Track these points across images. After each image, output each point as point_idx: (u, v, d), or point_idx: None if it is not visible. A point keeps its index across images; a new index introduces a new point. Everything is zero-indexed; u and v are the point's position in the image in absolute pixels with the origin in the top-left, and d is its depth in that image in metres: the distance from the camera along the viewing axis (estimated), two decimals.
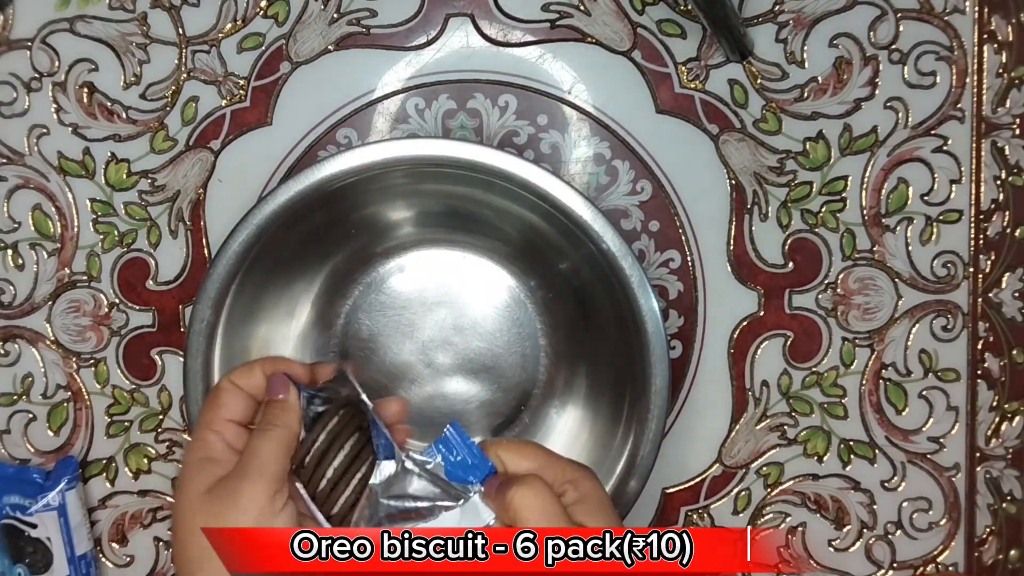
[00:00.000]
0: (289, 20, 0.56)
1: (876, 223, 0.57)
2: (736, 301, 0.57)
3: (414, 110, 0.56)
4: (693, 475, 0.58)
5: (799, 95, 0.56)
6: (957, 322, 0.57)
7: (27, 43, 0.57)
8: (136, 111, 0.57)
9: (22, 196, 0.58)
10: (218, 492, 0.41)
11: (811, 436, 0.58)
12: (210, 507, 0.41)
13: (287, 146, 0.57)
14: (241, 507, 0.40)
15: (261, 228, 0.51)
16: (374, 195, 0.54)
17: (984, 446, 0.58)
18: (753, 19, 0.56)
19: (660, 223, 0.57)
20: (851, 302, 0.57)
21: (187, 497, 0.42)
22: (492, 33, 0.56)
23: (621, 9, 0.56)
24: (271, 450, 0.42)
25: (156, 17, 0.56)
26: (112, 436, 0.59)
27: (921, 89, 0.56)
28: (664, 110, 0.56)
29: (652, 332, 0.51)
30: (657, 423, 0.51)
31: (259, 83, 0.56)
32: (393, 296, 0.57)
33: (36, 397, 0.59)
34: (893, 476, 0.58)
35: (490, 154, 0.50)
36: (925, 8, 0.55)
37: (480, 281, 0.57)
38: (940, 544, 0.58)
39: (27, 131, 0.57)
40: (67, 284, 0.58)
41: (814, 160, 0.56)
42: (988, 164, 0.56)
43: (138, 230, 0.58)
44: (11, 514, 0.56)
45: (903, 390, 0.58)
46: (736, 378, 0.58)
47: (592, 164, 0.57)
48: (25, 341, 0.58)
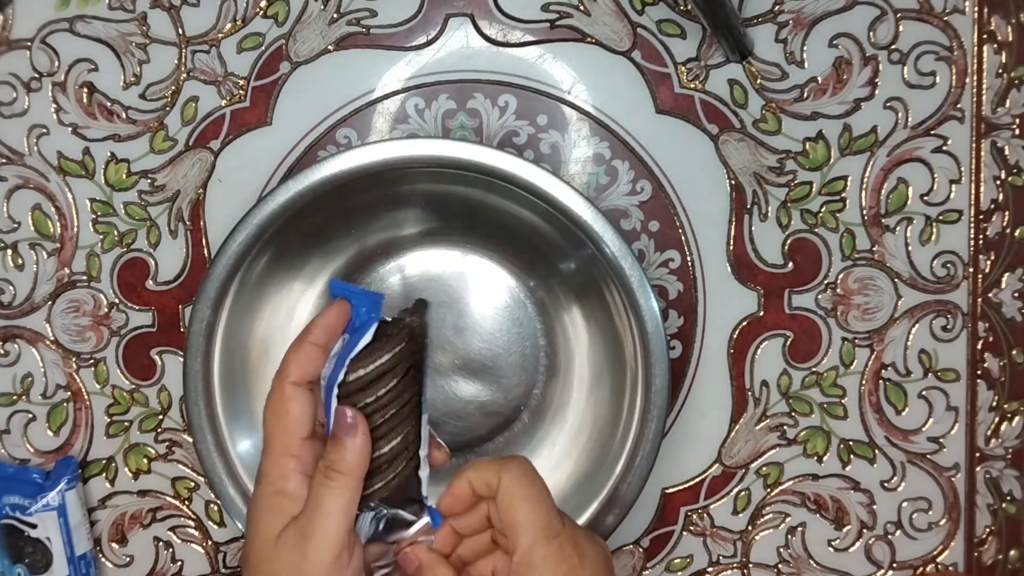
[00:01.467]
0: (289, 20, 0.56)
1: (876, 223, 0.57)
2: (736, 301, 0.57)
3: (414, 110, 0.56)
4: (693, 475, 0.58)
5: (799, 95, 0.56)
6: (957, 322, 0.57)
7: (27, 43, 0.57)
8: (136, 111, 0.57)
9: (22, 196, 0.57)
10: (286, 542, 0.41)
11: (811, 436, 0.58)
12: (276, 556, 0.41)
13: (287, 146, 0.57)
14: (305, 572, 0.40)
15: (261, 228, 0.51)
16: (374, 195, 0.54)
17: (984, 446, 0.58)
18: (753, 19, 0.56)
19: (660, 223, 0.57)
20: (851, 302, 0.57)
21: (259, 540, 0.41)
22: (492, 33, 0.56)
23: (621, 9, 0.56)
24: (338, 507, 0.41)
25: (156, 17, 0.56)
26: (112, 436, 0.59)
27: (921, 89, 0.56)
28: (664, 110, 0.56)
29: (652, 332, 0.51)
30: (657, 423, 0.51)
31: (259, 83, 0.56)
32: (393, 296, 0.57)
33: (36, 397, 0.59)
34: (893, 476, 0.58)
35: (490, 154, 0.50)
36: (925, 8, 0.55)
37: (480, 281, 0.57)
38: (940, 544, 0.58)
39: (27, 131, 0.57)
40: (67, 284, 0.58)
41: (814, 160, 0.56)
42: (988, 164, 0.56)
43: (138, 230, 0.58)
44: (11, 514, 0.56)
45: (903, 390, 0.58)
46: (736, 378, 0.58)
47: (592, 164, 0.57)
48: (25, 341, 0.58)
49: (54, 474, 0.58)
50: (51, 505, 0.56)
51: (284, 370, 0.44)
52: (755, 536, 0.59)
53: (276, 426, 0.43)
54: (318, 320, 0.44)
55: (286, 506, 0.41)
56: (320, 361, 0.44)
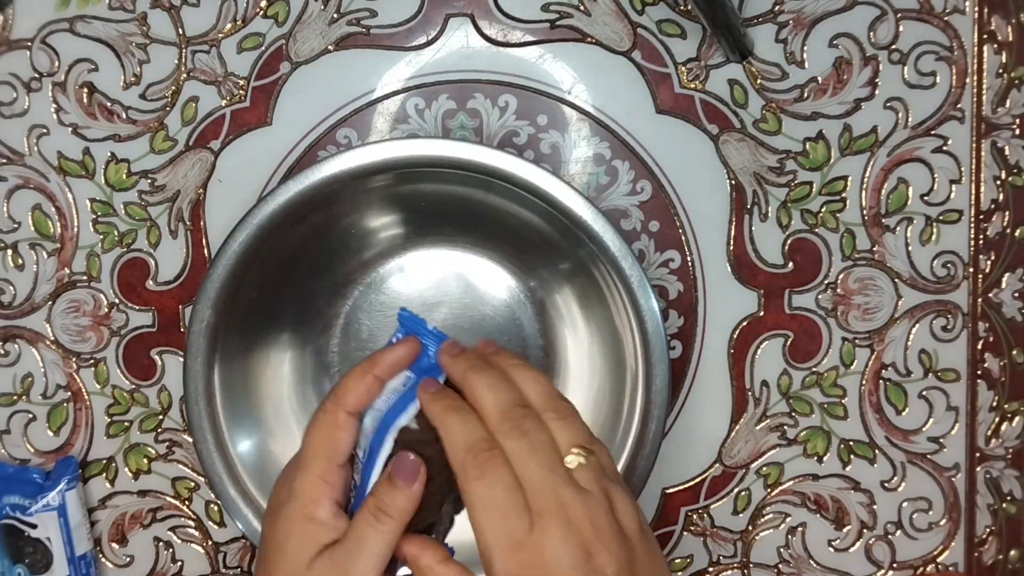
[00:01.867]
0: (289, 20, 0.56)
1: (876, 223, 0.57)
2: (736, 301, 0.57)
3: (414, 110, 0.56)
4: (693, 475, 0.58)
5: (799, 95, 0.56)
6: (957, 322, 0.57)
7: (27, 43, 0.57)
8: (136, 111, 0.57)
9: (22, 196, 0.58)
10: (320, 572, 0.40)
11: (811, 436, 0.58)
12: None
13: (287, 146, 0.57)
14: None
15: (261, 228, 0.51)
16: (374, 195, 0.54)
17: (984, 446, 0.58)
18: (753, 19, 0.56)
19: (660, 223, 0.57)
20: (851, 302, 0.57)
21: (289, 565, 0.40)
22: (492, 33, 0.56)
23: (621, 9, 0.56)
24: (380, 550, 0.40)
25: (156, 17, 0.56)
26: (112, 436, 0.59)
27: (921, 89, 0.56)
28: (664, 110, 0.56)
29: (652, 332, 0.51)
30: (657, 423, 0.51)
31: (259, 83, 0.56)
32: (393, 296, 0.57)
33: (36, 397, 0.59)
34: (893, 476, 0.58)
35: (490, 154, 0.50)
36: (925, 8, 0.55)
37: (480, 281, 0.57)
38: (940, 544, 0.58)
39: (27, 131, 0.57)
40: (67, 284, 0.58)
41: (814, 160, 0.56)
42: (988, 164, 0.56)
43: (138, 230, 0.58)
44: (11, 514, 0.56)
45: (903, 390, 0.58)
46: (736, 378, 0.58)
47: (592, 164, 0.57)
48: (25, 341, 0.58)
49: (54, 474, 0.58)
50: (51, 505, 0.56)
51: (343, 397, 0.42)
52: (755, 536, 0.59)
53: (320, 450, 0.42)
54: (387, 355, 0.43)
55: (317, 533, 0.41)
56: (376, 394, 0.43)
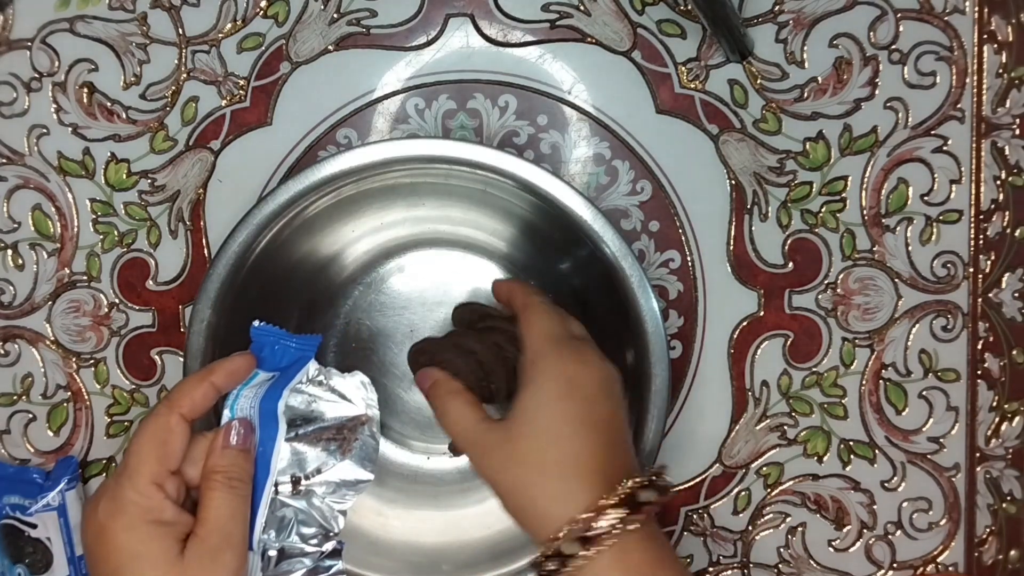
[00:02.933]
0: (289, 20, 0.56)
1: (876, 223, 0.57)
2: (736, 301, 0.57)
3: (414, 110, 0.56)
4: (693, 475, 0.58)
5: (799, 95, 0.56)
6: (957, 322, 0.57)
7: (27, 43, 0.57)
8: (136, 111, 0.57)
9: (22, 196, 0.58)
10: (191, 562, 0.40)
11: (811, 436, 0.58)
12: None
13: (287, 146, 0.57)
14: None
15: (261, 228, 0.51)
16: (374, 195, 0.54)
17: (984, 446, 0.58)
18: (753, 19, 0.56)
19: (660, 223, 0.57)
20: (851, 302, 0.57)
21: (158, 569, 0.40)
22: (492, 33, 0.56)
23: (621, 9, 0.56)
24: (240, 512, 0.42)
25: (156, 17, 0.56)
26: (112, 436, 0.59)
27: (921, 89, 0.56)
28: (664, 110, 0.56)
29: (652, 332, 0.51)
30: (657, 423, 0.51)
31: (259, 83, 0.56)
32: (393, 296, 0.57)
33: (36, 397, 0.59)
34: (893, 476, 0.58)
35: (490, 154, 0.50)
36: (925, 8, 0.55)
37: (480, 281, 0.57)
38: (940, 544, 0.58)
39: (27, 131, 0.57)
40: (67, 284, 0.58)
41: (814, 160, 0.56)
42: (988, 164, 0.56)
43: (138, 230, 0.58)
44: (11, 514, 0.56)
45: (903, 390, 0.58)
46: (736, 378, 0.58)
47: (592, 164, 0.57)
48: (25, 341, 0.58)
49: (54, 474, 0.58)
50: (51, 505, 0.56)
51: (177, 401, 0.43)
52: (755, 536, 0.59)
53: (151, 453, 0.42)
54: (225, 364, 0.46)
55: (173, 531, 0.41)
56: (211, 402, 0.44)
